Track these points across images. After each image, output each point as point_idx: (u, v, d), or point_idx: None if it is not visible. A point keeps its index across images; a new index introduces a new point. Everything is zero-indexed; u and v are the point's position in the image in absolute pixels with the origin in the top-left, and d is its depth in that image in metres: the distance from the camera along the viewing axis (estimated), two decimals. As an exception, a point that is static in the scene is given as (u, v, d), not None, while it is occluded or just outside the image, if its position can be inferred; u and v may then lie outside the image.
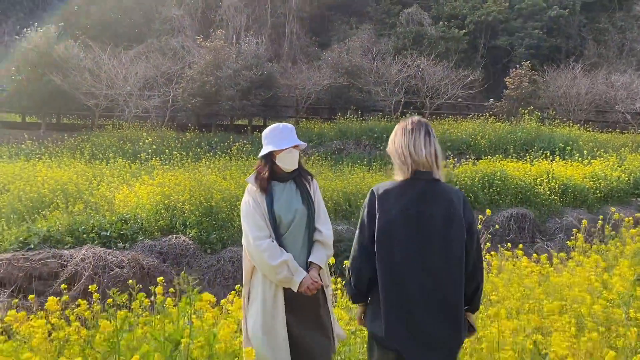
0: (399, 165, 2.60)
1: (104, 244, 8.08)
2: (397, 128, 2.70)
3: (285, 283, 3.04)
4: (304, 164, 3.44)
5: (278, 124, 3.26)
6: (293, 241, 3.13)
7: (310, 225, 3.19)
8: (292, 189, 3.23)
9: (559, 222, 11.18)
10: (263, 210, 3.11)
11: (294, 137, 3.21)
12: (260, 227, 3.07)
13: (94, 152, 13.80)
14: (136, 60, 18.12)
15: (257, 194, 3.14)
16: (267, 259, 2.99)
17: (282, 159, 3.16)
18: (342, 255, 8.96)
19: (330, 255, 3.26)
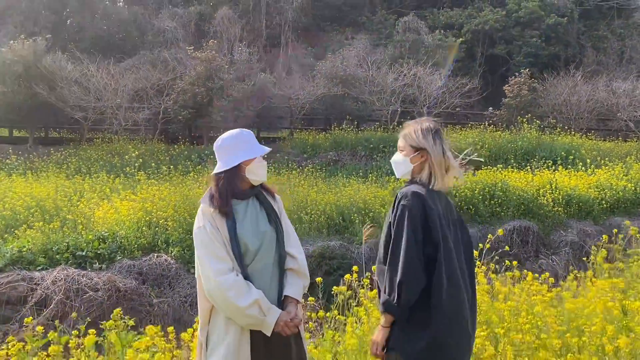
0: (435, 169, 2.55)
1: (79, 264, 7.56)
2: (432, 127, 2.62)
3: (255, 326, 2.49)
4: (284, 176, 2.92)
5: (236, 130, 2.71)
6: (261, 272, 2.57)
7: (280, 250, 2.64)
8: (256, 208, 2.67)
9: (564, 235, 10.65)
10: (224, 237, 2.53)
11: (259, 143, 2.71)
12: (221, 258, 2.49)
13: (81, 166, 13.31)
14: (127, 72, 17.70)
15: (216, 217, 2.56)
16: (234, 299, 2.42)
17: (254, 171, 2.62)
18: (335, 273, 8.42)
19: (306, 286, 2.71)
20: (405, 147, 2.64)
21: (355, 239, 8.99)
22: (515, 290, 4.59)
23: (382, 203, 9.80)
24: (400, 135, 2.69)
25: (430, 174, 2.59)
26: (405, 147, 2.64)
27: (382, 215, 9.44)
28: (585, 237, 10.54)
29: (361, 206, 9.62)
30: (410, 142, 2.62)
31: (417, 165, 2.62)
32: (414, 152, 2.61)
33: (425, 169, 2.60)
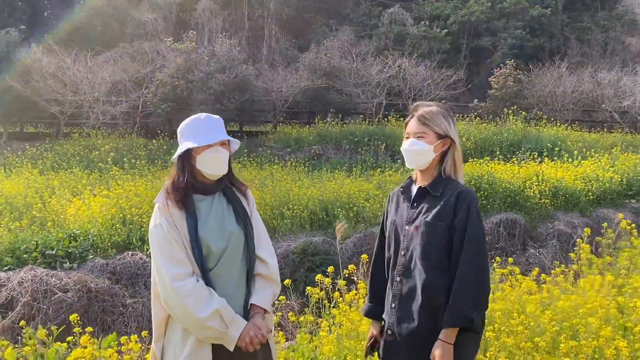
0: (459, 161, 2.38)
1: (48, 264, 7.17)
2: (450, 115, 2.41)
3: (216, 340, 2.17)
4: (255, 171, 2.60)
5: (200, 114, 2.39)
6: (225, 278, 2.26)
7: (248, 253, 2.32)
8: (222, 205, 2.35)
9: (551, 227, 10.46)
10: (183, 237, 2.21)
11: (222, 131, 2.33)
12: (179, 261, 2.17)
13: (58, 161, 12.85)
14: (105, 65, 17.20)
15: (175, 214, 2.24)
16: (192, 308, 2.11)
17: (204, 161, 2.27)
18: (318, 269, 8.13)
19: (277, 294, 2.40)
20: (428, 134, 2.34)
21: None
22: (504, 287, 4.35)
23: (367, 197, 9.54)
24: (418, 119, 2.38)
25: (455, 167, 2.35)
26: (428, 134, 2.34)
27: (366, 210, 9.18)
28: (573, 229, 10.38)
29: (345, 201, 9.35)
30: (436, 128, 2.35)
31: (437, 156, 2.36)
32: (437, 139, 2.34)
33: (449, 160, 2.35)
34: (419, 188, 2.37)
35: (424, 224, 2.27)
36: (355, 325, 3.67)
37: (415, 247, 2.27)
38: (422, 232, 2.26)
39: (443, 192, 2.29)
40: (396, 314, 2.30)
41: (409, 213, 2.36)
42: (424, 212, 2.29)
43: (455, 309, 2.15)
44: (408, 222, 2.35)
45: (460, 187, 2.29)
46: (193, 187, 2.30)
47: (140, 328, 6.87)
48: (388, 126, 16.61)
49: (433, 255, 2.24)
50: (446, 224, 2.24)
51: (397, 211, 2.44)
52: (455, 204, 2.24)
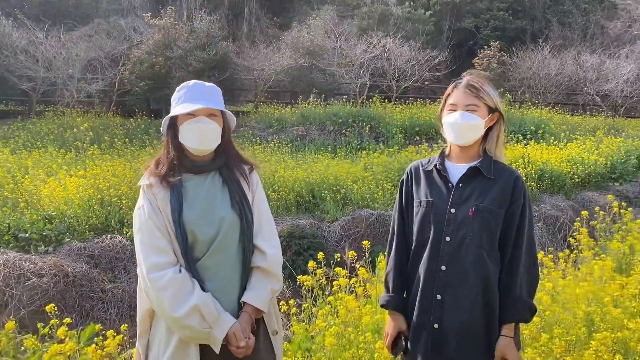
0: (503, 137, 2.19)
1: (21, 247, 6.80)
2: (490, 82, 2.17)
3: (199, 340, 1.90)
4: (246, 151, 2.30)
5: (193, 81, 2.08)
6: (216, 270, 1.97)
7: (245, 242, 2.03)
8: (216, 187, 2.05)
9: (537, 210, 10.40)
10: (166, 222, 1.93)
11: (211, 99, 2.02)
12: (160, 249, 1.90)
13: (31, 140, 12.31)
14: (79, 41, 16.52)
15: (158, 195, 1.96)
16: (167, 303, 1.84)
17: (185, 133, 1.98)
18: (305, 253, 7.93)
19: (277, 290, 2.10)
20: (479, 107, 2.11)
21: (327, 216, 8.49)
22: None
23: (354, 179, 9.31)
24: (468, 89, 2.12)
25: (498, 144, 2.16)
26: (479, 107, 2.11)
27: (354, 193, 8.95)
28: (558, 212, 10.35)
29: (332, 182, 9.10)
30: (488, 100, 2.12)
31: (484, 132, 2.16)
32: (489, 113, 2.12)
33: (493, 137, 2.15)
34: (470, 168, 2.13)
35: (482, 209, 2.06)
36: (356, 315, 3.45)
37: (469, 233, 2.05)
38: (480, 218, 2.05)
39: (495, 174, 2.10)
40: (442, 306, 2.07)
41: (456, 194, 2.11)
42: (477, 196, 2.07)
43: (520, 301, 2.02)
44: (455, 205, 2.10)
45: (515, 172, 2.14)
46: (181, 164, 2.01)
47: (121, 314, 6.59)
48: (372, 107, 16.36)
49: (491, 243, 2.06)
50: (503, 210, 2.07)
51: (433, 191, 2.17)
52: (513, 190, 2.07)
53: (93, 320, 6.86)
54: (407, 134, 14.77)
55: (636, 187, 11.69)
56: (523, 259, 2.03)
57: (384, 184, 9.24)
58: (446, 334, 2.05)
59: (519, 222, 2.05)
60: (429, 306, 2.09)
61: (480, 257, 2.03)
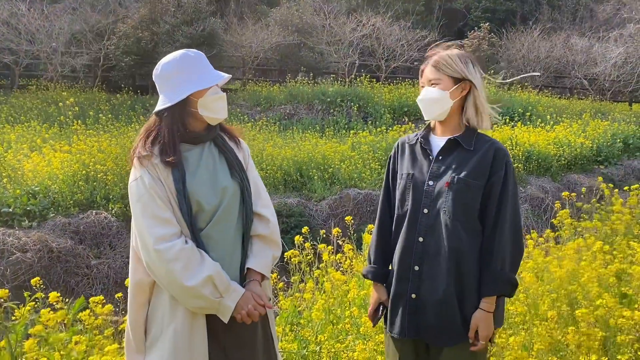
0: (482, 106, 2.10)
1: (5, 222, 6.74)
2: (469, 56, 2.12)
3: (209, 310, 1.89)
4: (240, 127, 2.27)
5: (179, 51, 2.01)
6: (219, 240, 1.95)
7: (245, 211, 2.02)
8: (214, 156, 2.03)
9: (523, 192, 10.50)
10: (169, 192, 1.89)
11: (212, 68, 2.01)
12: (165, 220, 1.86)
13: (13, 115, 12.09)
14: (63, 13, 16.15)
15: (158, 166, 1.90)
16: (179, 274, 1.81)
17: (208, 105, 1.95)
18: (293, 232, 7.92)
19: (277, 257, 2.10)
20: (441, 79, 2.08)
21: (314, 195, 8.49)
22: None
23: (342, 158, 9.30)
24: (428, 65, 2.12)
25: (478, 114, 2.08)
26: (441, 79, 2.08)
27: (341, 172, 8.95)
28: (544, 194, 10.46)
29: (320, 161, 9.09)
30: (449, 71, 2.07)
31: (456, 102, 2.08)
32: (454, 84, 2.07)
33: (470, 107, 2.08)
34: (449, 140, 2.11)
35: (457, 180, 2.03)
36: (341, 291, 3.47)
37: (445, 205, 2.04)
38: (455, 190, 2.03)
39: (476, 146, 2.07)
40: (419, 277, 2.08)
41: (434, 166, 2.11)
42: (455, 168, 2.06)
43: (500, 274, 1.99)
44: (433, 177, 2.10)
45: (496, 143, 2.09)
46: (181, 136, 1.97)
47: (107, 290, 6.57)
48: (361, 87, 16.29)
49: (467, 215, 2.04)
50: (482, 182, 2.03)
51: (414, 164, 2.18)
52: (493, 161, 2.03)
53: (78, 296, 6.84)
54: (395, 114, 14.75)
55: (621, 170, 11.83)
56: (506, 232, 2.00)
57: (371, 163, 9.25)
58: (423, 304, 2.06)
59: (500, 194, 2.03)
60: (407, 276, 2.10)
61: (455, 229, 2.02)
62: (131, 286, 1.99)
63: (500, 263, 1.99)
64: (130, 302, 1.99)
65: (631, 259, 3.65)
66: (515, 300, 3.11)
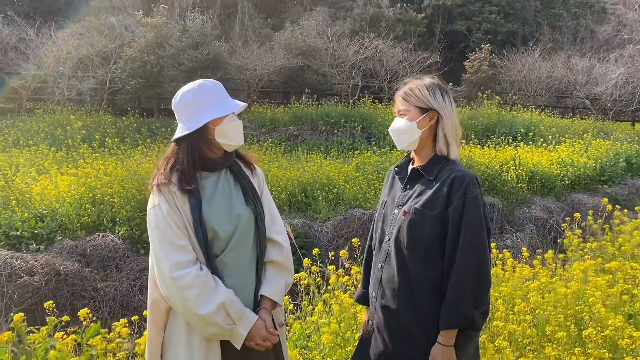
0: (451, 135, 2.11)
1: (12, 245, 6.78)
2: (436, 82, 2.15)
3: (222, 336, 1.93)
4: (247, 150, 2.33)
5: (197, 81, 2.07)
6: (234, 266, 2.00)
7: (259, 237, 2.07)
8: (229, 184, 2.08)
9: (528, 212, 10.51)
10: (185, 220, 1.94)
11: (229, 96, 2.09)
12: (181, 247, 1.91)
13: (21, 138, 12.22)
14: (70, 38, 16.41)
15: (176, 194, 1.96)
16: (193, 301, 1.85)
17: (225, 133, 2.01)
18: (295, 254, 7.94)
19: (290, 284, 2.14)
20: (409, 110, 2.11)
21: (319, 216, 8.52)
22: (498, 271, 4.23)
23: (346, 179, 9.35)
24: (398, 96, 2.17)
25: (447, 143, 2.09)
26: (409, 110, 2.11)
27: (345, 192, 9.00)
28: (549, 214, 10.45)
29: (324, 182, 9.13)
30: (415, 102, 2.10)
31: (425, 132, 2.10)
32: (421, 114, 2.10)
33: (440, 137, 2.10)
34: (412, 169, 2.16)
35: (413, 210, 2.04)
36: (350, 314, 3.49)
37: (400, 233, 2.05)
38: (410, 219, 2.03)
39: (438, 175, 2.06)
40: (376, 304, 2.12)
41: (401, 195, 2.14)
42: (414, 197, 2.07)
43: (454, 308, 1.92)
44: (398, 206, 2.13)
45: (457, 170, 2.04)
46: (199, 163, 2.03)
47: (113, 313, 6.58)
48: (364, 108, 16.42)
49: (420, 245, 2.02)
50: (437, 212, 2.00)
51: (390, 192, 2.24)
52: (449, 190, 2.00)
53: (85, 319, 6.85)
54: (399, 135, 14.81)
55: (625, 189, 11.84)
56: (466, 263, 1.93)
57: (375, 184, 9.29)
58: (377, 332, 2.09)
59: (458, 223, 1.96)
60: (376, 302, 2.14)
61: (407, 258, 2.02)
62: (148, 306, 2.04)
63: (456, 296, 1.93)
64: (149, 325, 2.03)
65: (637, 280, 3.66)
66: (521, 321, 3.12)
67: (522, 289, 3.53)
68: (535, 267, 4.35)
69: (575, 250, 4.96)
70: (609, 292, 3.29)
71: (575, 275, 3.96)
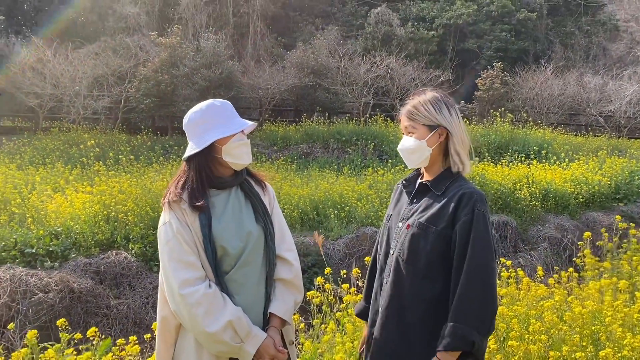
0: (461, 151, 2.07)
1: (28, 262, 6.83)
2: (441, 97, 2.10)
3: (231, 354, 1.94)
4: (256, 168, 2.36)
5: (207, 101, 2.13)
6: (243, 284, 2.01)
7: (268, 255, 2.08)
8: (239, 201, 2.10)
9: (542, 230, 10.40)
10: (195, 237, 1.97)
11: (237, 116, 2.12)
12: (190, 265, 1.93)
13: (37, 156, 12.41)
14: (86, 58, 16.74)
15: (186, 211, 1.99)
16: (201, 319, 1.87)
17: (231, 152, 2.04)
18: (310, 270, 7.93)
19: (299, 302, 2.15)
20: (416, 128, 2.07)
21: (331, 234, 8.51)
22: (512, 290, 4.19)
23: (359, 197, 9.35)
24: (404, 115, 2.12)
25: (460, 159, 2.05)
26: (416, 128, 2.07)
27: (358, 210, 8.99)
28: (563, 232, 10.34)
29: (337, 200, 9.14)
30: (423, 120, 2.06)
31: (435, 149, 2.07)
32: (429, 131, 2.06)
33: (452, 153, 2.06)
34: (420, 183, 2.13)
35: (417, 224, 2.01)
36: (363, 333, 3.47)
37: (401, 248, 2.03)
38: (412, 234, 2.00)
39: (446, 190, 2.03)
40: (378, 319, 2.10)
41: (406, 209, 2.12)
42: (420, 211, 2.04)
43: (454, 329, 1.85)
44: (403, 219, 2.10)
45: (465, 187, 2.00)
46: (209, 181, 2.06)
47: (125, 330, 6.59)
48: (375, 126, 16.47)
49: (420, 260, 1.98)
50: (441, 228, 1.96)
51: (397, 205, 2.22)
52: (457, 207, 1.96)
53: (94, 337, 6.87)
54: (411, 153, 14.81)
55: (640, 207, 11.69)
56: (471, 283, 1.86)
57: (388, 201, 9.27)
58: (382, 346, 2.05)
59: (465, 241, 1.91)
60: (375, 317, 2.11)
61: (408, 274, 1.99)
62: (158, 323, 2.06)
63: (457, 317, 1.87)
64: (159, 341, 2.05)
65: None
66: (537, 341, 3.08)
67: (537, 308, 3.49)
68: (550, 285, 4.30)
69: (591, 269, 4.90)
70: (625, 312, 3.25)
71: (591, 294, 3.92)
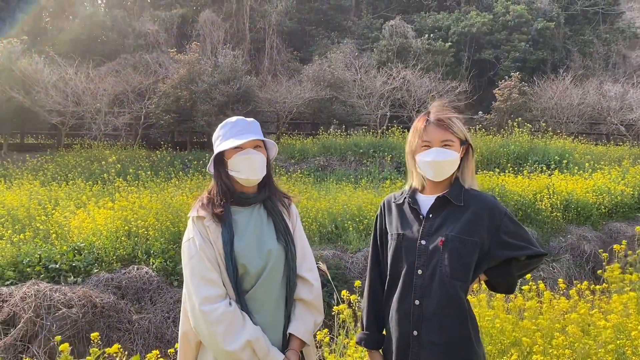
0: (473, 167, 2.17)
1: (52, 278, 6.94)
2: None
3: None
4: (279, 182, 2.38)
5: (232, 118, 2.20)
6: (263, 302, 2.02)
7: (289, 274, 2.08)
8: (262, 218, 2.12)
9: (564, 241, 10.25)
10: (217, 254, 1.98)
11: (256, 131, 2.12)
12: (211, 281, 1.95)
13: (59, 173, 12.65)
14: (107, 76, 17.08)
15: (210, 228, 2.01)
16: (221, 337, 1.88)
17: (235, 165, 2.07)
18: (329, 284, 7.91)
19: (320, 323, 2.13)
20: (453, 141, 2.06)
21: (350, 247, 8.50)
22: (533, 304, 4.13)
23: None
24: (439, 125, 2.05)
25: (473, 174, 2.12)
26: (453, 141, 2.06)
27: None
28: (585, 243, 10.18)
29: (355, 213, 9.13)
30: (460, 134, 2.07)
31: None
32: (460, 146, 2.09)
33: (468, 167, 2.10)
34: (438, 197, 2.07)
35: (451, 238, 1.98)
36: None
37: (440, 264, 1.97)
38: (450, 248, 1.96)
39: (466, 202, 2.03)
40: (419, 343, 1.98)
41: (425, 226, 2.05)
42: (447, 225, 2.00)
43: None
44: (425, 236, 2.03)
45: (482, 195, 2.05)
46: (231, 197, 2.09)
47: (147, 345, 6.63)
48: (392, 137, 16.46)
49: (464, 273, 1.97)
50: (477, 237, 1.98)
51: (404, 224, 2.11)
52: (492, 215, 2.02)
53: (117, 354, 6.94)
54: (429, 164, 14.77)
55: (665, 217, 11.46)
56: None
57: (407, 214, 9.24)
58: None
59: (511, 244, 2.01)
60: (407, 343, 2.00)
61: (452, 289, 1.96)
62: (179, 338, 2.08)
63: None
64: (180, 357, 2.07)
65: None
66: (560, 355, 3.04)
67: (560, 322, 3.45)
68: (571, 297, 4.24)
69: (615, 282, 4.81)
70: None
71: (615, 308, 3.85)
